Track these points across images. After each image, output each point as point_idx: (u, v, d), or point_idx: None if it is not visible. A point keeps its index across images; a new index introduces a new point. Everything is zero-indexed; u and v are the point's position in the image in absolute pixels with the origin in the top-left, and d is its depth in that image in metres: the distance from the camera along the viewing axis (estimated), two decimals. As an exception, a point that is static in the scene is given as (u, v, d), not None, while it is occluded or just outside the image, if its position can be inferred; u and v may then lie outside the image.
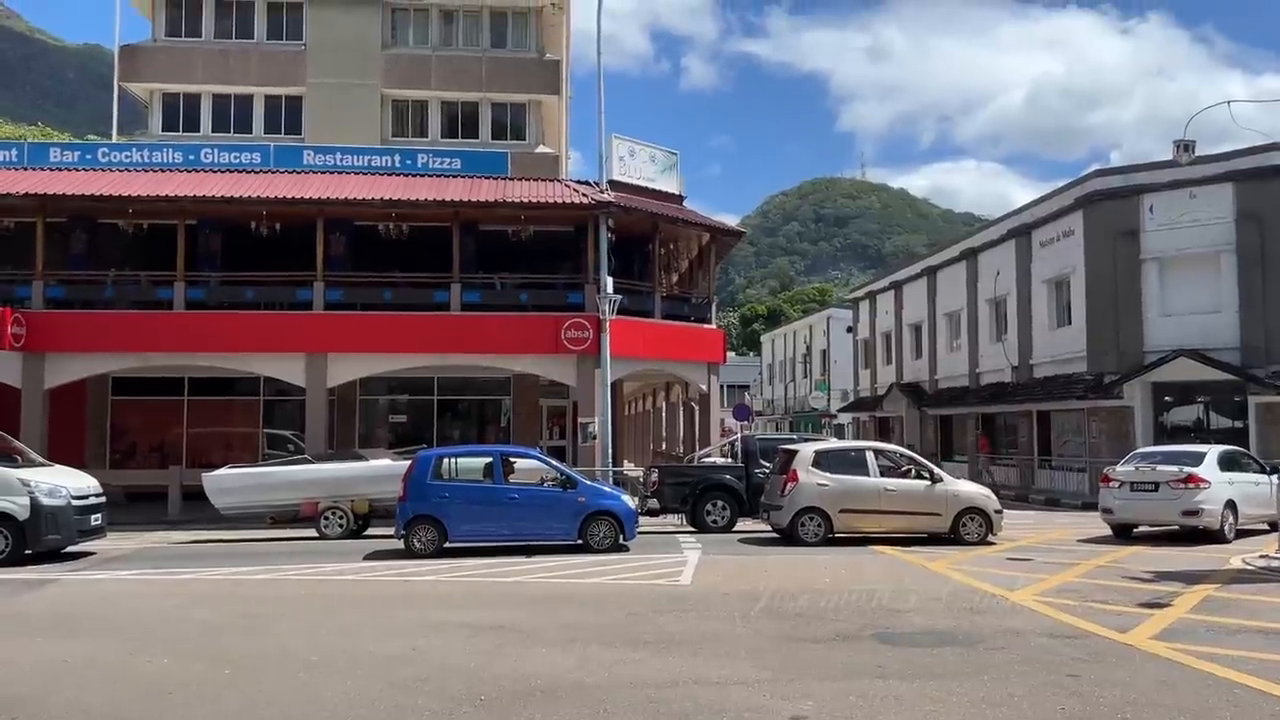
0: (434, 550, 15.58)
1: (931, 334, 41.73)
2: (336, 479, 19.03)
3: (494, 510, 15.83)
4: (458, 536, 15.83)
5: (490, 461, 16.57)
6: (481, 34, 32.72)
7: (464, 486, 16.14)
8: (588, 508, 15.95)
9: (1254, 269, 26.58)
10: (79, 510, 15.46)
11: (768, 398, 76.92)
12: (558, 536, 15.95)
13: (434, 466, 16.13)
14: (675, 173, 27.65)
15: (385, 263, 24.71)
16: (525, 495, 16.08)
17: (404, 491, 15.83)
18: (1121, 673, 7.57)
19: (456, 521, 15.74)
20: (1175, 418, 27.96)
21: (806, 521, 16.65)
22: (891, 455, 18.08)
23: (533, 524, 15.97)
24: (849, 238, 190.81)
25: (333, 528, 18.53)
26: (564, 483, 16.30)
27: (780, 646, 8.59)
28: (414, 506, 15.70)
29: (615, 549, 15.85)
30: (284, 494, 19.05)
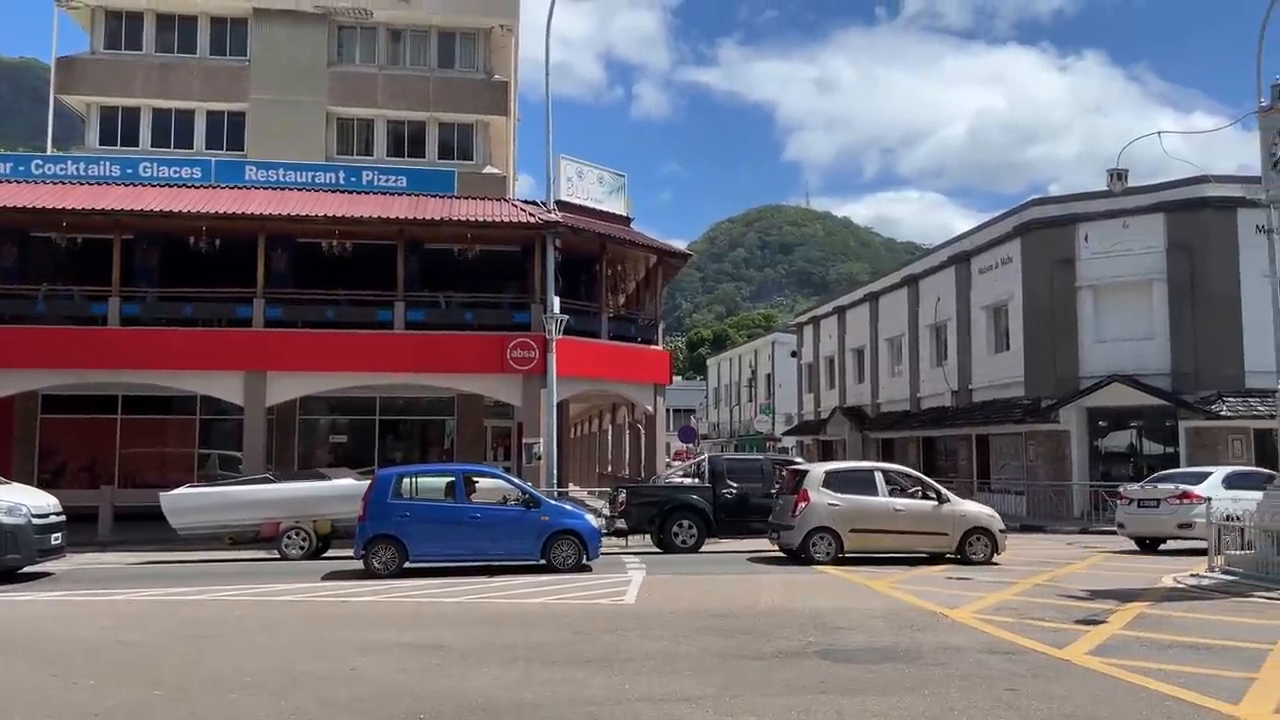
0: (394, 570, 15.32)
1: (874, 359, 42.27)
2: (298, 499, 18.68)
3: (456, 530, 15.61)
4: (419, 556, 15.59)
5: (452, 480, 16.40)
6: (429, 54, 32.65)
7: (425, 506, 15.91)
8: (551, 527, 15.83)
9: (1184, 297, 27.38)
10: (39, 529, 14.93)
11: (713, 421, 77.22)
12: (521, 556, 15.85)
13: (395, 485, 15.87)
14: (623, 194, 27.76)
15: (328, 280, 24.40)
16: (488, 515, 15.89)
17: (364, 511, 15.57)
18: (1058, 687, 7.66)
19: (418, 541, 15.51)
20: (1110, 442, 28.63)
21: (818, 541, 16.77)
22: (899, 476, 18.38)
23: (495, 543, 15.84)
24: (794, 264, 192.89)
25: (294, 548, 18.21)
26: (527, 502, 16.17)
27: (724, 664, 8.56)
28: (374, 526, 15.44)
29: (578, 569, 15.75)
30: (244, 514, 18.59)
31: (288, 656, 9.03)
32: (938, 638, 9.76)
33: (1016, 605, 12.05)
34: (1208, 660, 8.66)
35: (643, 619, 10.99)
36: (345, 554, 17.54)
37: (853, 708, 7.03)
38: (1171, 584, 14.18)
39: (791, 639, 9.70)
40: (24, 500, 15.10)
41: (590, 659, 8.78)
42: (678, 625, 10.50)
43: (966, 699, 7.26)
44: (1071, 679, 7.95)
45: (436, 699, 7.37)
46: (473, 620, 11.17)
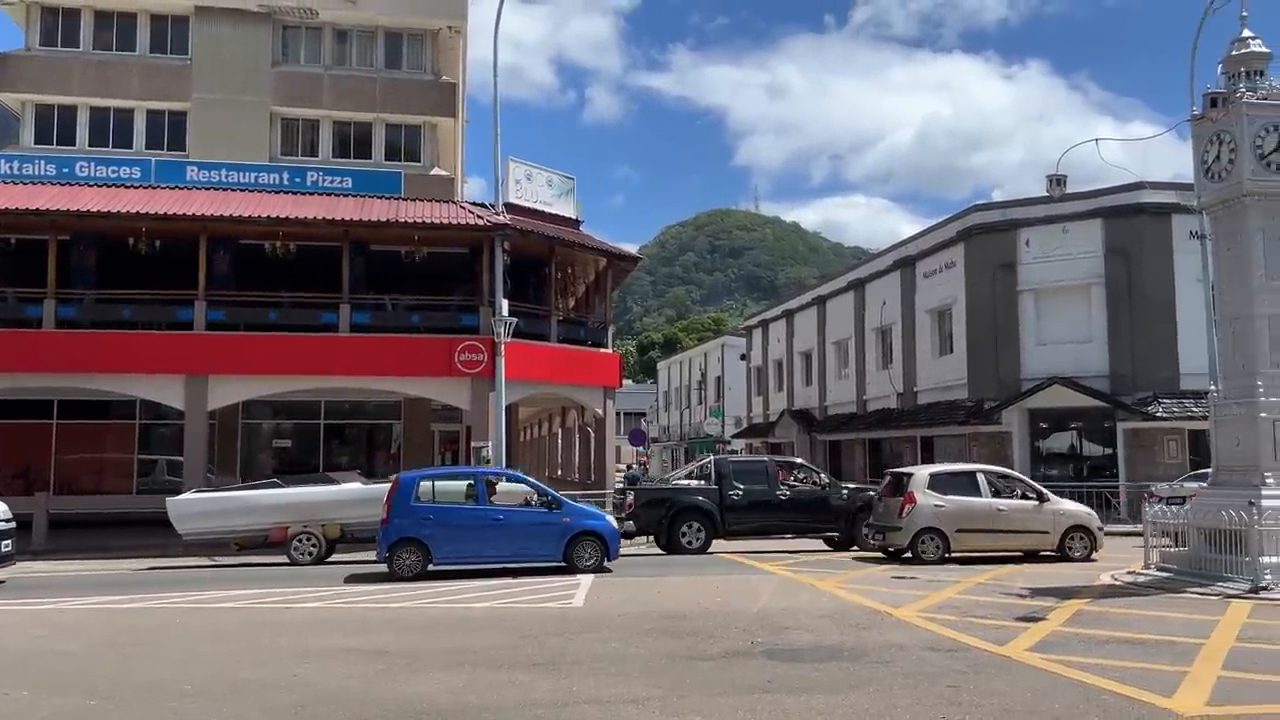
0: (418, 573, 15.30)
1: (821, 362, 42.69)
2: (307, 503, 18.50)
3: (479, 532, 15.66)
4: (442, 559, 15.59)
5: (473, 483, 16.46)
6: (376, 54, 32.31)
7: (448, 509, 15.86)
8: (572, 528, 15.95)
9: (1121, 301, 28.03)
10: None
11: (664, 424, 77.38)
12: (543, 558, 15.90)
13: (417, 488, 15.87)
14: (572, 197, 27.69)
15: (272, 282, 24.01)
16: (510, 517, 15.97)
17: (386, 514, 15.47)
18: (999, 683, 7.79)
19: (441, 544, 15.51)
20: (1051, 443, 29.20)
21: (926, 541, 17.21)
22: (998, 477, 18.77)
23: (518, 545, 15.87)
24: (743, 268, 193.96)
25: (304, 553, 18.06)
26: (549, 504, 16.27)
27: (672, 665, 8.57)
28: (398, 529, 15.40)
29: (599, 569, 15.87)
30: (252, 519, 18.35)
31: (229, 663, 8.87)
32: (882, 636, 9.87)
33: (959, 603, 12.23)
34: (1143, 655, 8.87)
35: (591, 622, 10.97)
36: (351, 559, 17.98)
37: (798, 706, 7.08)
38: (1110, 581, 14.49)
39: (739, 639, 9.74)
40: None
41: (537, 662, 8.74)
42: (626, 628, 10.49)
43: (910, 696, 7.35)
44: (1012, 675, 8.08)
45: (380, 705, 7.28)
46: (419, 625, 11.06)
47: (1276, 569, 12.81)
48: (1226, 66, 14.80)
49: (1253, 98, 14.23)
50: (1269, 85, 14.42)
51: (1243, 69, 14.55)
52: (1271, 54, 14.59)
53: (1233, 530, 13.26)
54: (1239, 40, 14.71)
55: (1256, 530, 12.83)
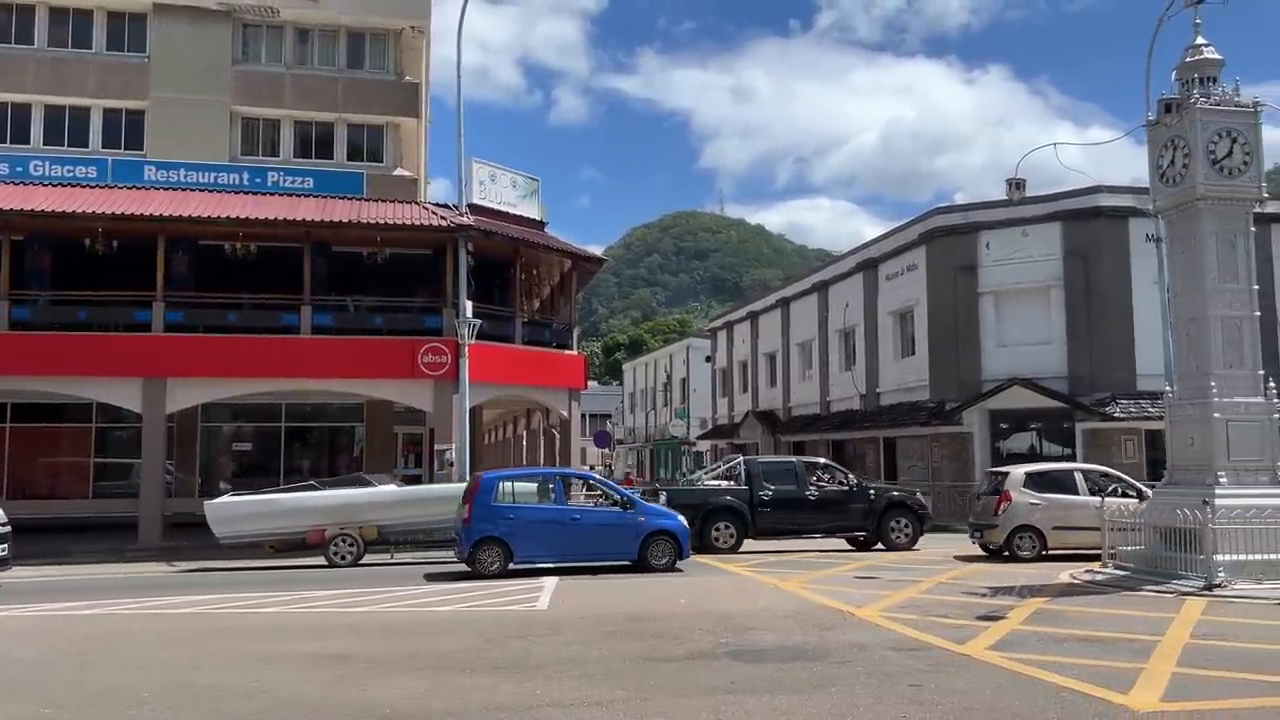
0: (501, 571, 15.62)
1: (785, 363, 42.89)
2: (345, 505, 18.64)
3: (558, 531, 16.03)
4: (523, 558, 15.96)
5: (551, 483, 17.03)
6: (338, 54, 31.98)
7: (528, 508, 16.25)
8: (647, 528, 16.31)
9: (1080, 303, 28.41)
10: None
11: (629, 426, 77.36)
12: (619, 556, 16.31)
13: (497, 488, 16.26)
14: (536, 199, 27.63)
15: (232, 283, 23.75)
16: (587, 516, 16.54)
17: (468, 513, 15.80)
18: (960, 681, 7.86)
19: (522, 543, 15.86)
20: (1011, 444, 29.51)
21: (1022, 540, 17.52)
22: (1101, 475, 18.99)
23: (595, 544, 16.24)
24: (709, 270, 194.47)
25: (343, 555, 18.20)
26: (623, 504, 16.65)
27: (635, 667, 8.57)
28: (480, 528, 15.72)
29: (671, 568, 16.19)
30: (290, 521, 18.49)
31: (188, 670, 8.74)
32: (845, 636, 9.93)
33: (921, 603, 12.33)
34: (1101, 652, 8.99)
35: (555, 625, 10.94)
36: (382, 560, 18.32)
37: (761, 707, 7.10)
38: (1069, 580, 14.68)
39: (702, 640, 9.76)
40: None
41: (500, 666, 8.70)
42: (590, 630, 10.47)
43: (872, 695, 7.40)
44: (972, 673, 8.16)
45: (341, 710, 7.22)
46: (381, 629, 10.96)
47: (1229, 567, 13.05)
48: (1180, 73, 15.07)
49: (1206, 103, 14.49)
50: (1221, 91, 14.71)
51: (1196, 75, 14.82)
52: (1224, 61, 14.88)
53: (1187, 529, 13.49)
54: (1192, 47, 14.98)
55: (1210, 529, 13.06)
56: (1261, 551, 13.27)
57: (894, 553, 19.69)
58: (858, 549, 20.42)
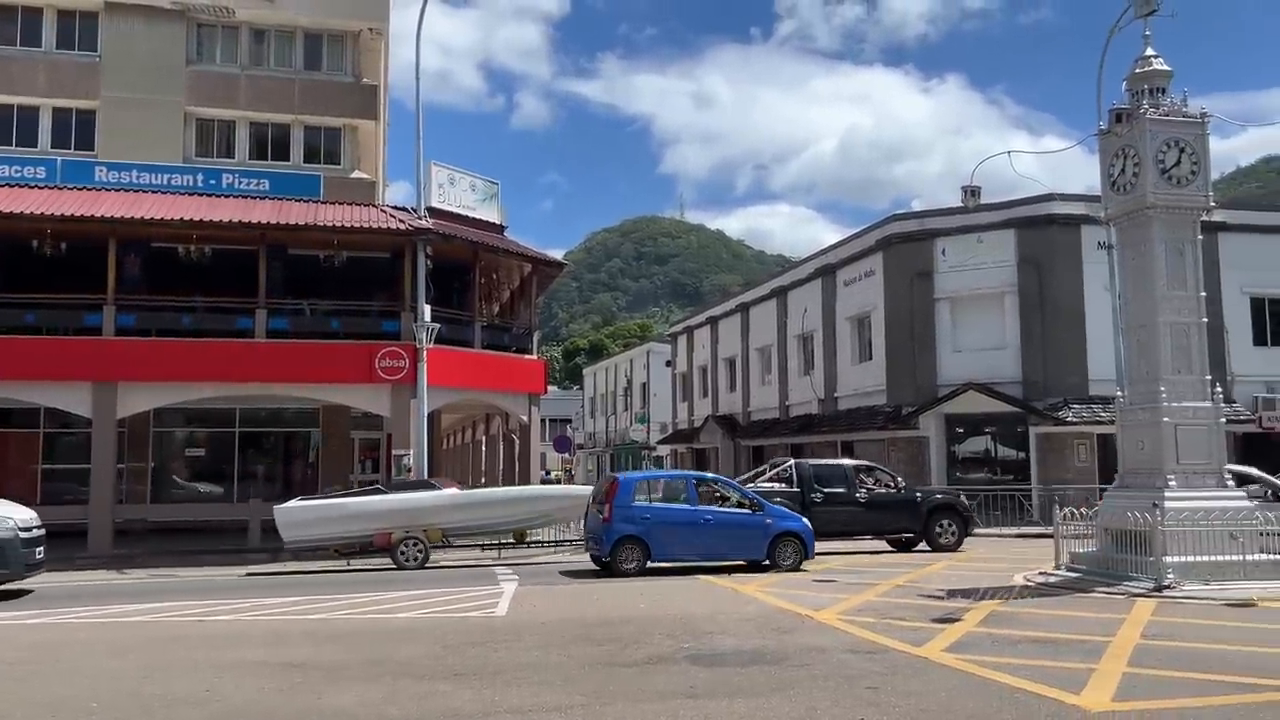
0: (640, 570, 16.19)
1: (745, 368, 43.09)
2: (411, 509, 19.06)
3: (692, 532, 16.61)
4: (660, 557, 16.53)
5: (684, 485, 17.81)
6: (295, 55, 31.71)
7: (665, 509, 17.07)
8: (774, 529, 16.94)
9: (1033, 309, 28.86)
10: (25, 543, 14.33)
11: (589, 430, 77.26)
12: (749, 556, 16.94)
13: (635, 489, 17.00)
14: (496, 202, 27.52)
15: (185, 286, 23.38)
16: (719, 518, 16.99)
17: (608, 513, 16.42)
18: (916, 683, 7.93)
19: (659, 543, 16.48)
20: (966, 447, 29.90)
21: None
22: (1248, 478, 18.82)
23: (727, 545, 16.89)
24: (669, 275, 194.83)
25: (410, 557, 18.58)
26: (752, 506, 17.21)
27: (595, 672, 8.55)
28: (621, 528, 16.33)
29: (796, 569, 16.71)
30: (358, 525, 18.88)
31: (138, 680, 8.57)
32: (804, 639, 9.98)
33: (878, 606, 12.43)
34: (1054, 653, 9.12)
35: (515, 630, 10.88)
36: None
37: (720, 711, 7.11)
38: (1022, 582, 14.87)
39: (662, 645, 9.76)
40: (10, 513, 14.47)
41: (459, 672, 8.64)
42: (549, 636, 10.43)
43: (830, 698, 7.45)
44: (929, 676, 8.24)
45: (296, 718, 7.12)
46: (338, 636, 10.83)
47: (1179, 568, 13.29)
48: (1131, 84, 15.37)
49: (1155, 114, 14.79)
50: (1170, 102, 15.02)
51: (1146, 86, 15.12)
52: (1172, 72, 15.20)
53: (1138, 531, 13.73)
54: (1142, 59, 15.28)
55: (1160, 531, 13.30)
56: (1209, 553, 13.54)
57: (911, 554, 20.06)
58: (898, 550, 20.92)
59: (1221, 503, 13.98)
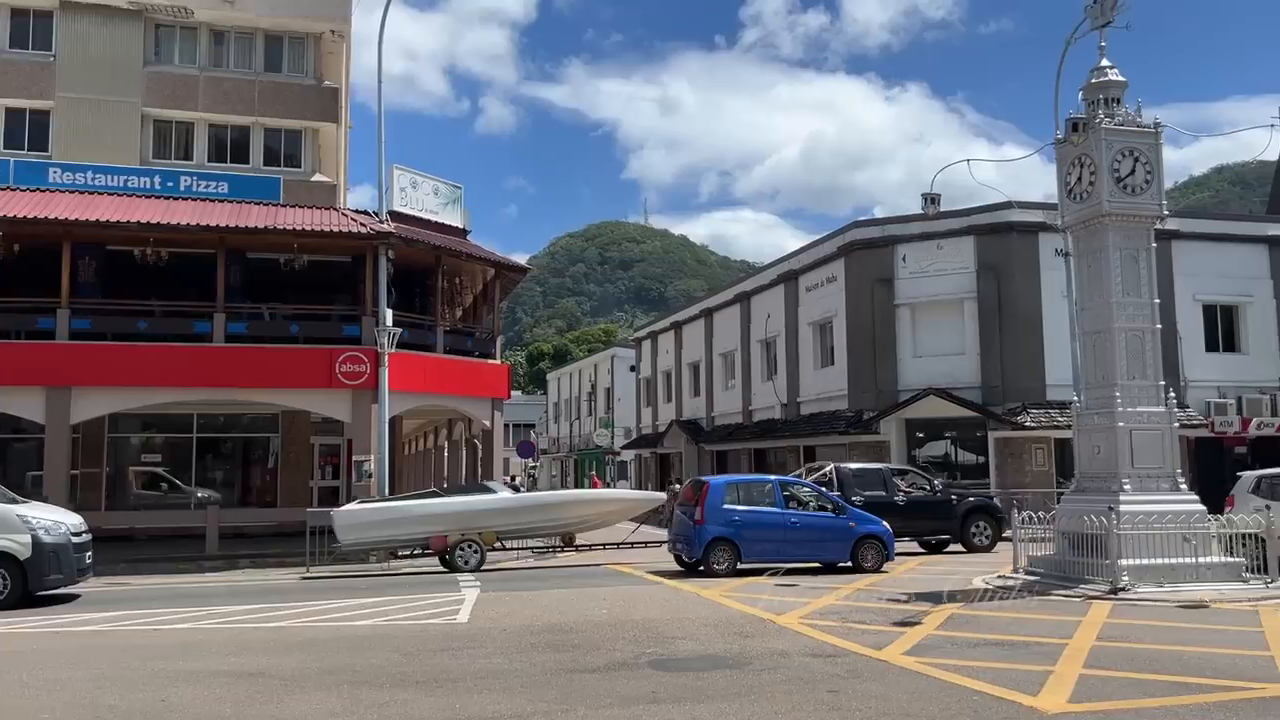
0: (731, 570, 16.73)
1: (708, 373, 43.20)
2: (466, 512, 19.50)
3: (779, 534, 17.13)
4: (750, 558, 17.07)
5: (771, 488, 18.01)
6: (255, 56, 31.32)
7: (753, 511, 17.40)
8: (857, 532, 17.46)
9: (992, 315, 29.21)
10: (76, 548, 14.62)
11: (553, 436, 77.07)
12: (833, 557, 17.48)
13: (725, 493, 17.44)
14: (459, 206, 27.38)
15: (143, 290, 23.02)
16: (804, 520, 17.48)
17: (700, 516, 16.98)
18: (876, 686, 7.99)
19: (749, 544, 17.07)
20: (926, 451, 30.16)
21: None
22: None
23: (812, 547, 17.44)
24: (633, 280, 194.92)
25: (469, 559, 18.91)
26: (836, 509, 17.79)
27: (556, 679, 8.52)
28: (712, 530, 16.96)
29: (878, 570, 17.23)
30: (414, 528, 19.27)
31: (92, 690, 8.42)
32: (765, 644, 10.02)
33: (840, 609, 12.51)
34: (1011, 656, 9.23)
35: (475, 637, 10.83)
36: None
37: (682, 716, 7.12)
38: (982, 585, 15.03)
39: (624, 650, 9.75)
40: (62, 518, 14.76)
41: (420, 680, 8.57)
42: (510, 642, 10.39)
43: (790, 702, 7.48)
44: (889, 679, 8.30)
45: (254, 729, 7.03)
46: (296, 644, 10.71)
47: (1133, 571, 13.51)
48: (1087, 94, 15.64)
49: (1110, 123, 15.06)
50: (1125, 112, 15.30)
51: (1101, 96, 15.39)
52: (1127, 83, 15.48)
53: (1094, 534, 13.94)
54: (1098, 69, 15.55)
55: (1115, 534, 13.51)
56: (1162, 556, 13.78)
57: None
58: (928, 551, 21.31)
59: (1175, 506, 14.24)
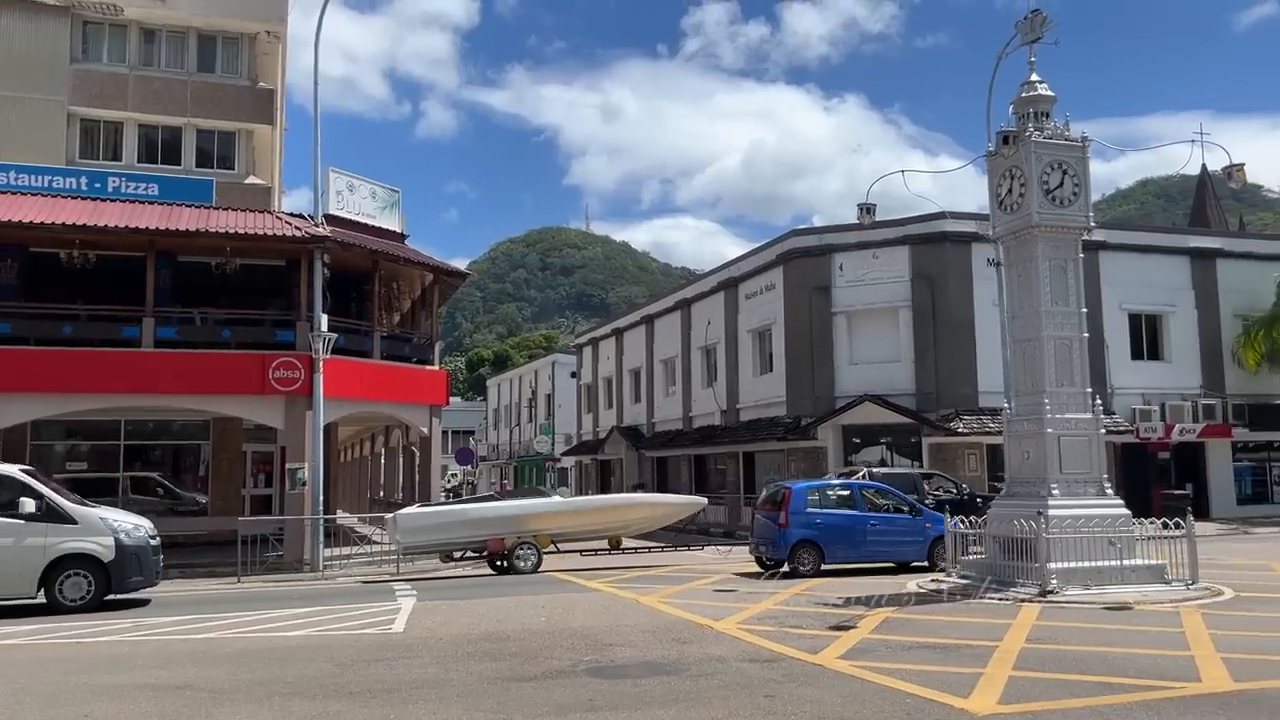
0: (813, 571, 17.39)
1: (649, 379, 43.28)
2: (524, 514, 20.11)
3: (860, 536, 17.69)
4: (833, 560, 17.68)
5: (851, 492, 18.65)
6: (187, 56, 30.69)
7: (835, 514, 18.10)
8: (933, 533, 17.83)
9: (926, 324, 29.72)
10: (154, 550, 15.21)
11: (493, 442, 76.54)
12: (911, 558, 18.08)
13: (808, 496, 18.13)
14: (397, 210, 27.08)
15: (69, 294, 22.36)
16: (882, 522, 18.08)
17: (785, 519, 17.67)
18: (811, 690, 8.07)
19: (832, 546, 17.71)
20: (863, 457, 30.52)
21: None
22: None
23: (892, 548, 18.07)
24: (574, 286, 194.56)
25: (526, 561, 19.47)
26: (912, 511, 18.42)
27: (493, 688, 8.46)
28: (797, 533, 17.66)
29: None
30: (473, 531, 19.80)
31: (10, 706, 8.14)
32: (703, 649, 10.05)
33: (777, 614, 12.61)
34: (944, 658, 9.38)
35: (411, 647, 10.69)
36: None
37: (619, 723, 7.11)
38: (916, 589, 15.27)
39: (562, 658, 9.71)
40: (139, 522, 15.31)
41: (354, 691, 8.44)
42: (446, 651, 10.28)
43: (727, 707, 7.52)
44: (824, 683, 8.39)
45: (180, 744, 6.85)
46: (226, 656, 10.47)
47: (1061, 574, 13.82)
48: (1017, 107, 16.00)
49: (1040, 137, 15.42)
50: (1054, 126, 15.68)
51: (1031, 110, 15.76)
52: (1056, 97, 15.87)
53: (1024, 538, 14.24)
54: (1027, 83, 15.92)
55: (1044, 538, 13.81)
56: (1089, 559, 14.12)
57: None
58: None
59: (1101, 510, 14.60)
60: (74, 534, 14.38)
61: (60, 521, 14.39)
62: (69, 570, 14.30)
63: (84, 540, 14.37)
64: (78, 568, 14.33)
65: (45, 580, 14.27)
